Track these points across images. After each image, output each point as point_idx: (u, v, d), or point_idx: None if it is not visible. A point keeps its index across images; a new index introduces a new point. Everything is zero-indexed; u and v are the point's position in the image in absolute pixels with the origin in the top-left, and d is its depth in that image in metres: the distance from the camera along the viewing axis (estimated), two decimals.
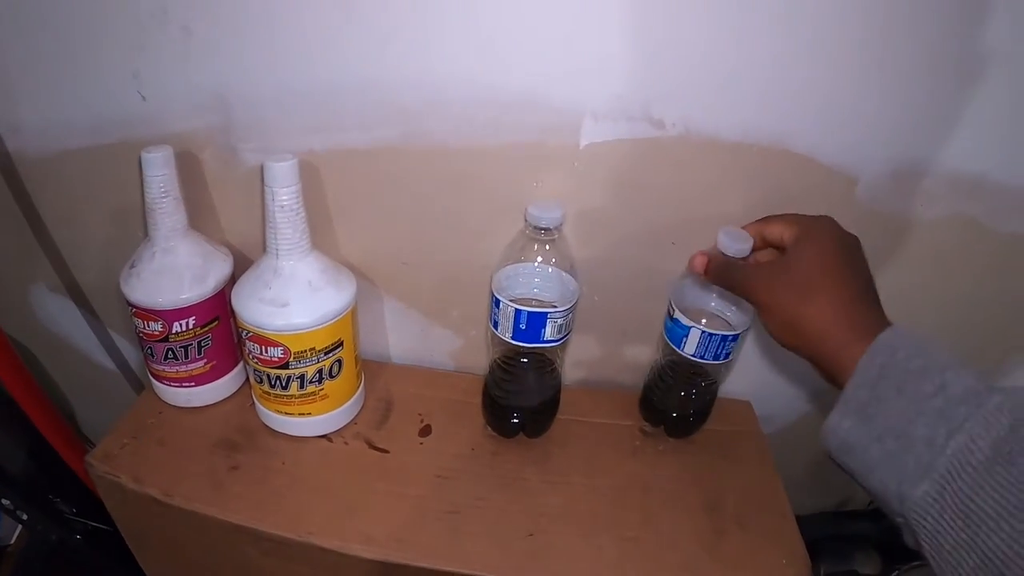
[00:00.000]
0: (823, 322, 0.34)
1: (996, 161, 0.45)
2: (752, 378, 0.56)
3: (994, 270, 0.51)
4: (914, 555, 0.80)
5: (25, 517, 0.70)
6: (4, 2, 0.43)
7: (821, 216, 0.38)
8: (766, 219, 0.40)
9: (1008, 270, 0.51)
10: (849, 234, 0.37)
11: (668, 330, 0.46)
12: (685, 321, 0.44)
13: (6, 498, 0.68)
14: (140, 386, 0.69)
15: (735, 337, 0.44)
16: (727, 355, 0.45)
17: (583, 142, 0.42)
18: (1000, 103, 0.41)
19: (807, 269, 0.36)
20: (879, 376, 0.31)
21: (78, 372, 0.69)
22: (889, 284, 0.49)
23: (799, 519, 0.67)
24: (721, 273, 0.40)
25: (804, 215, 0.39)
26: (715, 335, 0.44)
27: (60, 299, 0.63)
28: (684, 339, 0.45)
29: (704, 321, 0.44)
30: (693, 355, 0.45)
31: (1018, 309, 0.54)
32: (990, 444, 0.27)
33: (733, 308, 0.45)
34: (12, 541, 0.75)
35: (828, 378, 0.36)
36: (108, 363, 0.67)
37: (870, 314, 0.35)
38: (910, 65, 0.40)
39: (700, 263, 0.41)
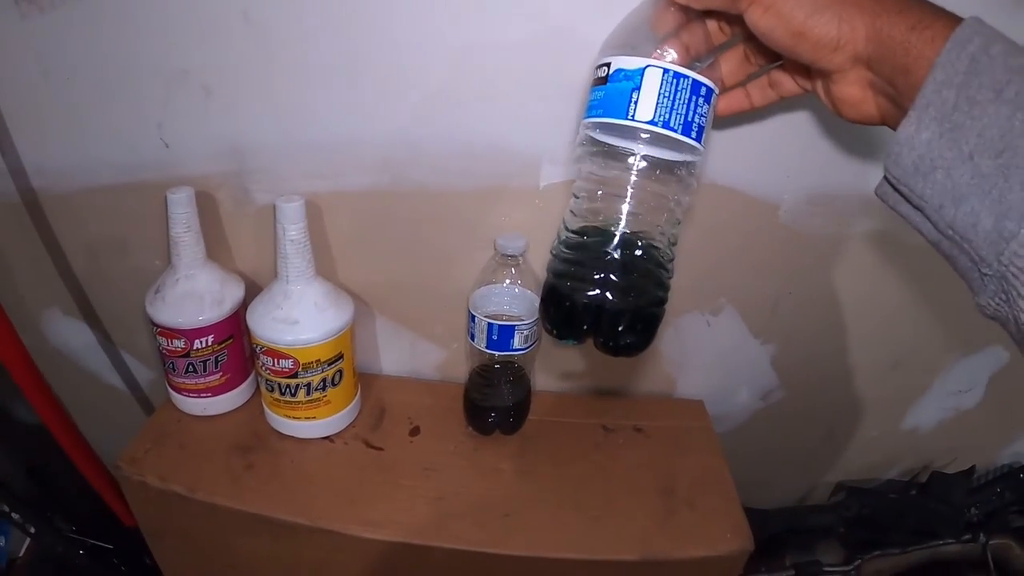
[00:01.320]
0: (863, 1, 0.29)
1: None
2: (705, 379, 0.69)
3: (915, 279, 0.64)
4: (875, 544, 0.94)
5: (33, 530, 0.81)
6: (38, 52, 0.54)
7: None
8: None
9: (927, 278, 0.64)
10: None
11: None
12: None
13: (16, 512, 0.80)
14: (148, 404, 0.80)
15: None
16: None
17: (542, 183, 0.55)
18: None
19: None
20: (970, 71, 0.26)
21: (87, 392, 0.80)
22: (819, 298, 0.64)
23: (764, 513, 0.81)
24: None
25: None
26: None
27: (73, 322, 0.75)
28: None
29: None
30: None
31: (943, 312, 0.67)
32: None
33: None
34: (21, 554, 0.86)
35: (854, 109, 0.33)
36: (118, 383, 0.78)
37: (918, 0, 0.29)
38: (817, 106, 0.53)
39: None
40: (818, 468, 0.82)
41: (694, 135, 0.36)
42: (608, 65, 0.36)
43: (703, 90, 0.36)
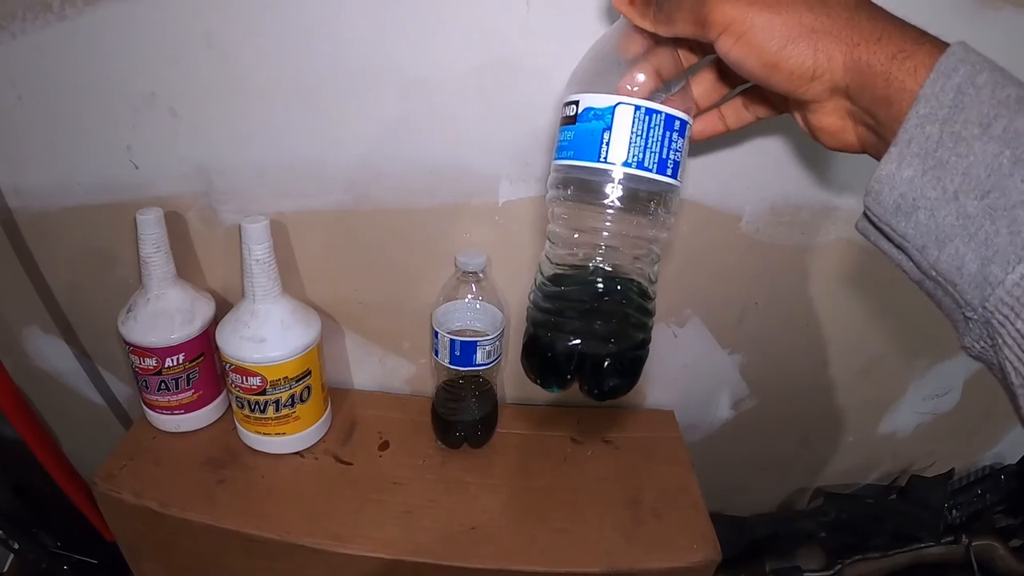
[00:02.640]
0: (840, 30, 0.29)
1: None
2: (675, 390, 0.71)
3: (884, 285, 0.66)
4: (856, 548, 0.96)
5: (16, 546, 0.84)
6: (11, 76, 0.57)
7: None
8: None
9: (896, 285, 0.66)
10: None
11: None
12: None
13: (1, 529, 0.82)
14: (127, 418, 0.83)
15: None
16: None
17: (501, 200, 0.57)
18: None
19: None
20: (955, 104, 0.26)
21: (68, 408, 0.83)
22: (786, 306, 0.65)
23: (742, 520, 0.82)
24: (660, 1, 0.34)
25: None
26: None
27: (52, 339, 0.77)
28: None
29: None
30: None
31: (914, 318, 0.69)
32: None
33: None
34: (5, 570, 0.88)
35: (833, 138, 0.33)
36: (97, 399, 0.81)
37: (903, 27, 0.29)
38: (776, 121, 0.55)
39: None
40: (796, 474, 0.84)
41: (670, 172, 0.36)
42: (576, 103, 0.36)
43: (677, 124, 0.36)
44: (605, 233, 0.37)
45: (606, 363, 0.38)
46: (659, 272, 0.40)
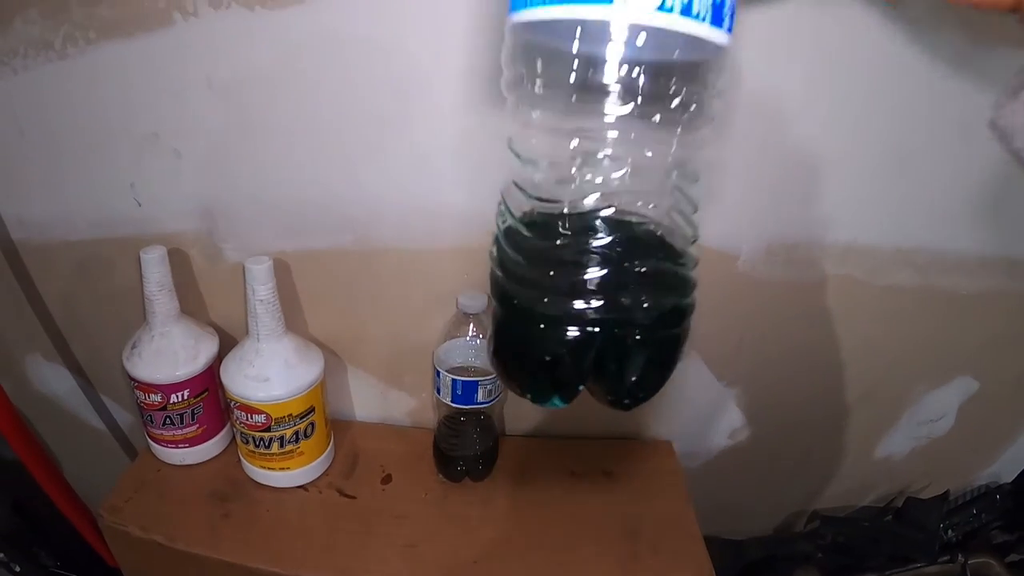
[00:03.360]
0: None
1: (861, 227, 0.61)
2: (673, 421, 0.72)
3: (879, 318, 0.67)
4: (853, 571, 0.97)
5: (18, 569, 0.85)
6: (14, 111, 0.58)
7: None
8: None
9: (892, 317, 0.67)
10: None
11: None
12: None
13: (1, 550, 0.83)
14: (129, 445, 0.84)
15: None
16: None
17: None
18: (852, 176, 0.57)
19: None
20: None
21: (70, 434, 0.84)
22: (782, 340, 0.67)
23: (738, 544, 0.84)
24: None
25: None
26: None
27: (55, 367, 0.78)
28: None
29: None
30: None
31: (908, 347, 0.70)
32: None
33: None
34: None
35: None
36: (100, 426, 0.82)
37: None
38: (772, 156, 0.56)
39: None
40: (792, 498, 0.86)
41: (726, 24, 0.22)
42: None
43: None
44: (610, 134, 0.23)
45: (637, 350, 0.25)
46: (698, 202, 0.29)
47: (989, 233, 0.61)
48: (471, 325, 0.58)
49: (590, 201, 0.24)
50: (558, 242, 0.25)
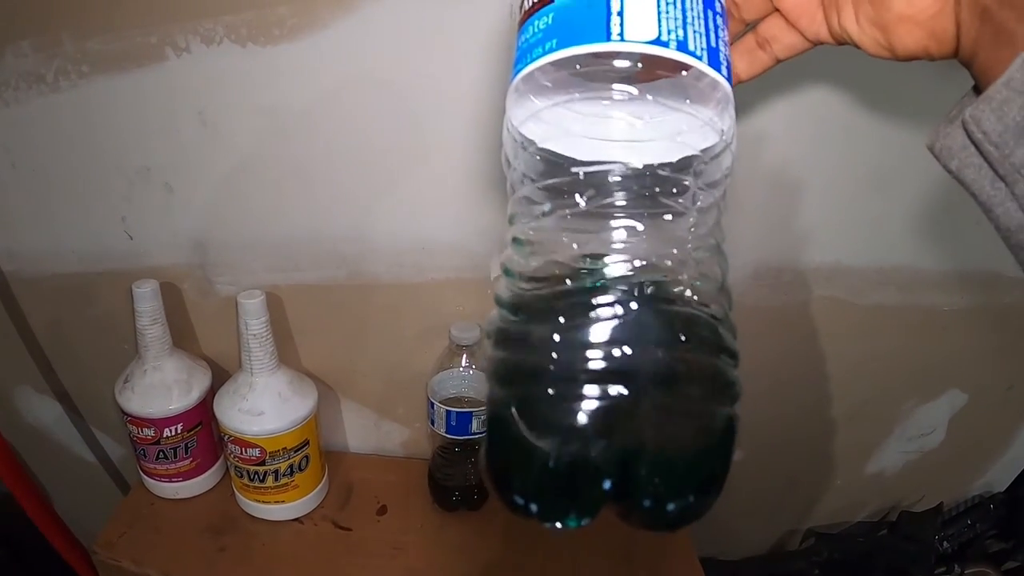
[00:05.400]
0: None
1: (844, 250, 0.62)
2: None
3: (867, 336, 0.68)
4: None
5: None
6: (4, 144, 0.58)
7: None
8: None
9: (879, 335, 0.68)
10: None
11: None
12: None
13: None
14: (121, 479, 0.84)
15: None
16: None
17: (494, 275, 0.59)
18: (833, 198, 0.58)
19: None
20: None
21: (59, 465, 0.83)
22: (770, 362, 0.67)
23: (732, 565, 0.84)
24: None
25: None
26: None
27: (45, 399, 0.78)
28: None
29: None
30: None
31: (895, 363, 0.71)
32: None
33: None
34: None
35: (919, 28, 0.25)
36: (90, 457, 0.82)
37: None
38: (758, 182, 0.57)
39: None
40: (785, 517, 0.86)
41: (724, 71, 0.22)
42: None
43: (718, 5, 0.23)
44: (622, 192, 0.22)
45: (673, 469, 0.22)
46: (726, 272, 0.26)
47: (968, 249, 0.62)
48: (464, 356, 0.59)
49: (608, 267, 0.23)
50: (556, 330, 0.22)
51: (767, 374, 0.69)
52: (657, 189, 0.22)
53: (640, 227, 0.22)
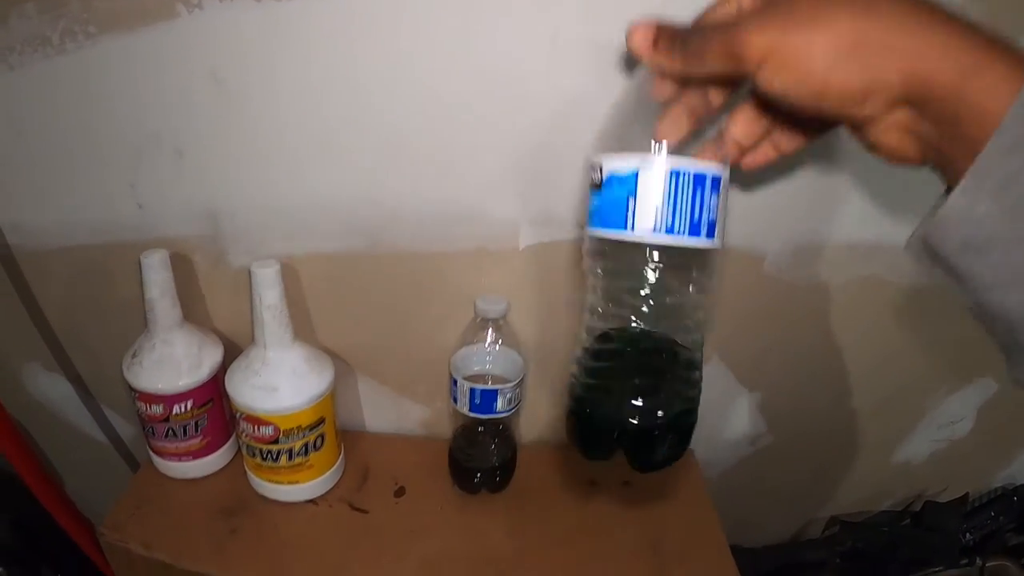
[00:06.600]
0: (894, 40, 0.25)
1: (887, 228, 0.58)
2: (696, 428, 0.69)
3: (903, 318, 0.65)
4: (874, 574, 0.94)
5: None
6: (9, 110, 0.54)
7: None
8: None
9: (915, 317, 0.65)
10: None
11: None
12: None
13: (1, 566, 0.80)
14: (130, 457, 0.81)
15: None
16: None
17: (522, 244, 0.55)
18: (878, 177, 0.54)
19: None
20: None
21: (69, 444, 0.81)
22: (806, 344, 0.64)
23: (754, 552, 0.81)
24: (685, 40, 0.31)
25: None
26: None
27: (54, 376, 0.75)
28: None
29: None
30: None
31: (932, 350, 0.68)
32: None
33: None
34: None
35: (891, 154, 0.30)
36: (100, 436, 0.79)
37: (969, 32, 0.25)
38: (795, 161, 0.54)
39: (643, 37, 0.32)
40: (810, 505, 0.83)
41: (704, 232, 0.34)
42: (600, 168, 0.35)
43: (708, 180, 0.34)
44: (644, 308, 0.36)
45: (661, 433, 0.39)
46: (703, 341, 0.39)
47: None
48: (489, 330, 0.55)
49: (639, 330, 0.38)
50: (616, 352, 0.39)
51: (801, 354, 0.66)
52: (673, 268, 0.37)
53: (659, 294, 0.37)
